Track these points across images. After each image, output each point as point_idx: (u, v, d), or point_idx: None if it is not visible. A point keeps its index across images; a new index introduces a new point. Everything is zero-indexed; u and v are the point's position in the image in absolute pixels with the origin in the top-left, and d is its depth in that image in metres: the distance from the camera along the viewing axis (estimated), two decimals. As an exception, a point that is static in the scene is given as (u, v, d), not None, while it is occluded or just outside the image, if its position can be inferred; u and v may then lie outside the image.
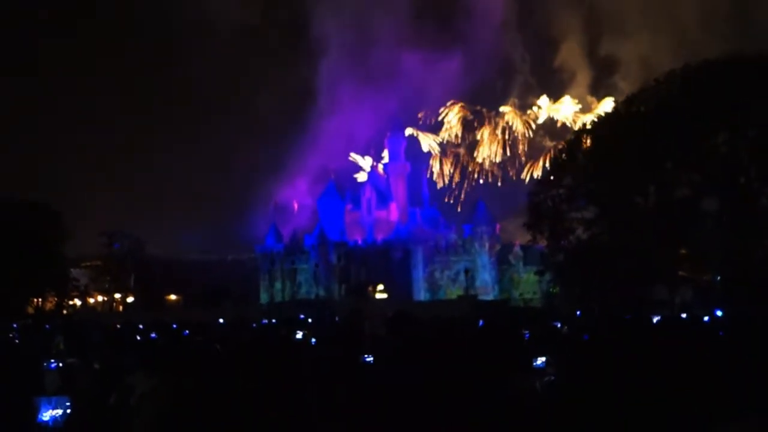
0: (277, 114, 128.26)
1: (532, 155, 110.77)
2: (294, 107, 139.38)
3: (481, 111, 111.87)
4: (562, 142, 48.81)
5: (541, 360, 7.43)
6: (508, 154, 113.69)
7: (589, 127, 45.73)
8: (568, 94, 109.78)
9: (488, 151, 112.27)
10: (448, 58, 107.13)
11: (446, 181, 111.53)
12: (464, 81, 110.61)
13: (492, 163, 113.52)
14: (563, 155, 44.05)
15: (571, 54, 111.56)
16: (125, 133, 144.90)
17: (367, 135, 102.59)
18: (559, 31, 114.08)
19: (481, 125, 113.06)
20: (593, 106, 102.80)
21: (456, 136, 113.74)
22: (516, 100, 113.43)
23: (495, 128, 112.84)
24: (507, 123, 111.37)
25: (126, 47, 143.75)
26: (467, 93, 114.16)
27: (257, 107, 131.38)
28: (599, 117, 46.41)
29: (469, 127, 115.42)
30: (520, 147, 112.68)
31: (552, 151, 63.48)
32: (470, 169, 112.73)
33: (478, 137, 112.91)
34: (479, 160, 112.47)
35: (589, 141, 41.73)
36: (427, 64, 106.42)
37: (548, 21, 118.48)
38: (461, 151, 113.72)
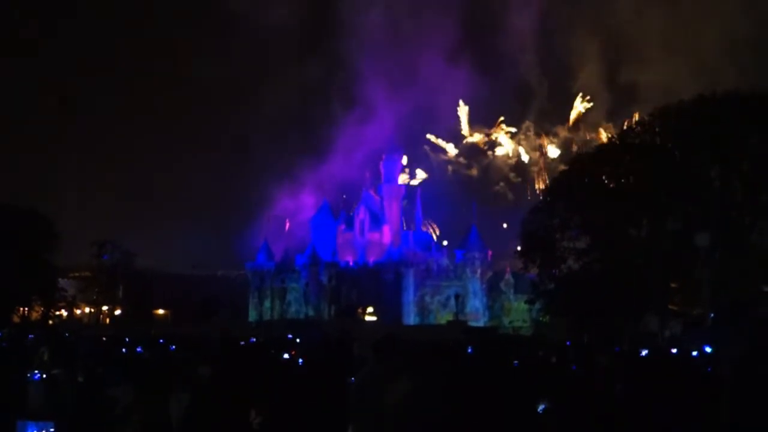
0: (284, 124, 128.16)
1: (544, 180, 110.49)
2: (302, 118, 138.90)
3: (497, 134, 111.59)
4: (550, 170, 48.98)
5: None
6: (519, 178, 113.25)
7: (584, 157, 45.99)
8: (585, 120, 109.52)
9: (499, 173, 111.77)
10: (468, 75, 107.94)
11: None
12: (483, 102, 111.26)
13: (503, 187, 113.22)
14: (557, 185, 44.31)
15: (589, 80, 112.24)
16: (120, 143, 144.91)
17: (378, 148, 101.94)
18: (578, 57, 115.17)
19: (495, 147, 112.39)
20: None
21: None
22: (531, 124, 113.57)
23: (509, 152, 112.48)
24: (520, 146, 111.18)
25: (125, 49, 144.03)
26: (485, 115, 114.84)
27: (261, 117, 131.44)
28: (595, 147, 46.75)
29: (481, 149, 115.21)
30: (532, 171, 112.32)
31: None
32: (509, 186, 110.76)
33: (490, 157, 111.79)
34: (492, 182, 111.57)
35: (583, 171, 41.96)
36: (446, 81, 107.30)
37: (567, 48, 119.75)
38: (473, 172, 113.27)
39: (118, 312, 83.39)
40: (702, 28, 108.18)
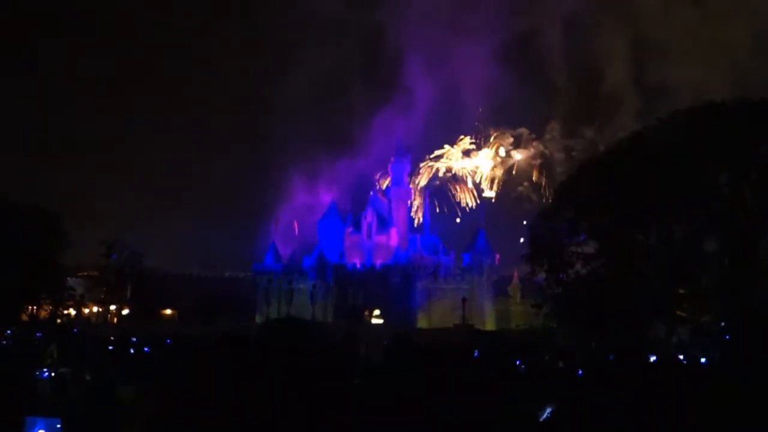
0: (298, 124, 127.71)
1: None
2: (318, 118, 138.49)
3: (521, 135, 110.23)
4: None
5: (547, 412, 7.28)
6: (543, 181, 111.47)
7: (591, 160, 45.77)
8: (613, 121, 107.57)
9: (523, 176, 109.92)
10: (495, 74, 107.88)
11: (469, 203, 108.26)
12: (509, 103, 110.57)
13: (525, 188, 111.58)
14: (565, 188, 44.12)
15: (618, 81, 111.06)
16: (128, 142, 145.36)
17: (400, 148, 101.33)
18: (606, 57, 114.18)
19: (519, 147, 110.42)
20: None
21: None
22: (556, 125, 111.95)
23: (533, 154, 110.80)
24: (545, 149, 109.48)
25: (130, 50, 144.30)
26: (511, 116, 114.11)
27: (274, 116, 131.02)
28: (602, 151, 46.52)
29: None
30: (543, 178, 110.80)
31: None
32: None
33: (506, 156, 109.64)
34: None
35: (591, 175, 41.78)
36: (473, 79, 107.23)
37: (595, 48, 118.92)
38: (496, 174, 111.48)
39: (125, 311, 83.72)
40: (731, 28, 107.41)
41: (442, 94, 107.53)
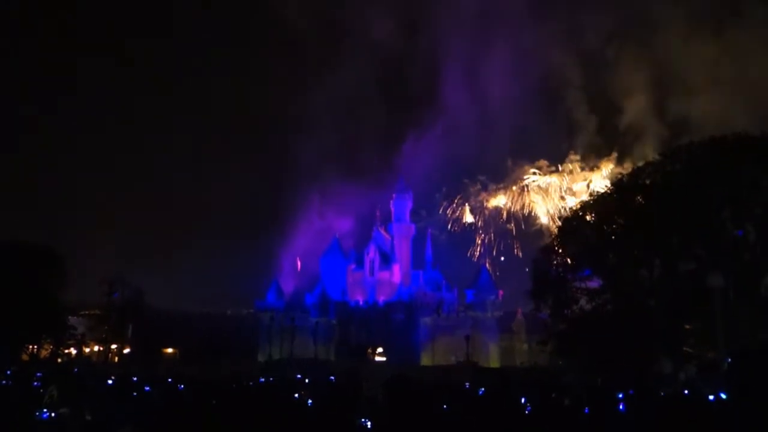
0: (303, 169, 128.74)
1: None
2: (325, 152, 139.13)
3: (541, 167, 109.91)
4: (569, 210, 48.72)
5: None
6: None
7: (594, 197, 45.85)
8: (634, 152, 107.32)
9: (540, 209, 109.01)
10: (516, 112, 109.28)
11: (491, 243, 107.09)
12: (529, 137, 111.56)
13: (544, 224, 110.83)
14: (569, 224, 44.15)
15: (638, 114, 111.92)
16: (131, 183, 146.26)
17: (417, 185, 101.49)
18: (626, 91, 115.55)
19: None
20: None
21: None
22: (577, 156, 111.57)
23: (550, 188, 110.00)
24: (564, 181, 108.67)
25: (134, 82, 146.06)
26: (533, 151, 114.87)
27: (281, 158, 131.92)
28: (606, 188, 46.63)
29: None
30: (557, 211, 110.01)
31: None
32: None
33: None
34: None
35: (595, 211, 41.85)
36: (493, 119, 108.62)
37: (616, 82, 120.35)
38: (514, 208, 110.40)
39: (126, 350, 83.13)
40: (751, 60, 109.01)
41: (465, 123, 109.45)
